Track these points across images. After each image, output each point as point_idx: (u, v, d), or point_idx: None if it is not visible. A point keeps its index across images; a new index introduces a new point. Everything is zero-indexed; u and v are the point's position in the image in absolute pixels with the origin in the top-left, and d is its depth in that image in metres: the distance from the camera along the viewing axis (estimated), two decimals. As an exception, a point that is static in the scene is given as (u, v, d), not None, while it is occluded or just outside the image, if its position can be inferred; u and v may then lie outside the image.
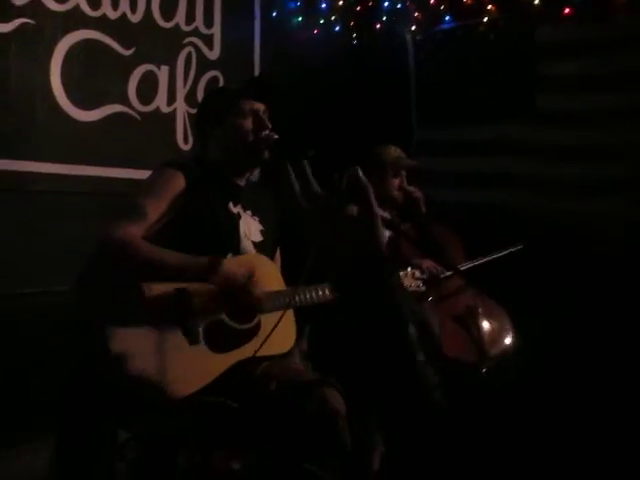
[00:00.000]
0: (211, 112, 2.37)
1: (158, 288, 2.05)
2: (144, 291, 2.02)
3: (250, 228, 2.34)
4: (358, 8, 4.44)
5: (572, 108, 4.22)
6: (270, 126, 2.33)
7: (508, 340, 3.51)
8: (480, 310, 3.51)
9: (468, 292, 3.60)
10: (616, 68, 4.04)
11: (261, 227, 2.38)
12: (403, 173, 3.42)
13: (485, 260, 3.59)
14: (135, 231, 2.07)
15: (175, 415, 2.07)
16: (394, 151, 3.44)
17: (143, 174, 3.48)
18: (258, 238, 2.36)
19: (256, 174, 2.58)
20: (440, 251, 3.41)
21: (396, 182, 3.38)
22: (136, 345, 1.99)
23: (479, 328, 3.46)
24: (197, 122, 2.46)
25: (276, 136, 2.32)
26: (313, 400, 2.08)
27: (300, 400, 2.08)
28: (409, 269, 2.63)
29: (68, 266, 2.20)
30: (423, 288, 2.63)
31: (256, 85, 2.39)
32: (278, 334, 2.15)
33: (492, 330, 3.51)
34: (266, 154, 2.31)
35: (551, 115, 4.29)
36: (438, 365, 3.12)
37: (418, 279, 2.63)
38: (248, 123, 2.32)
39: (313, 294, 2.34)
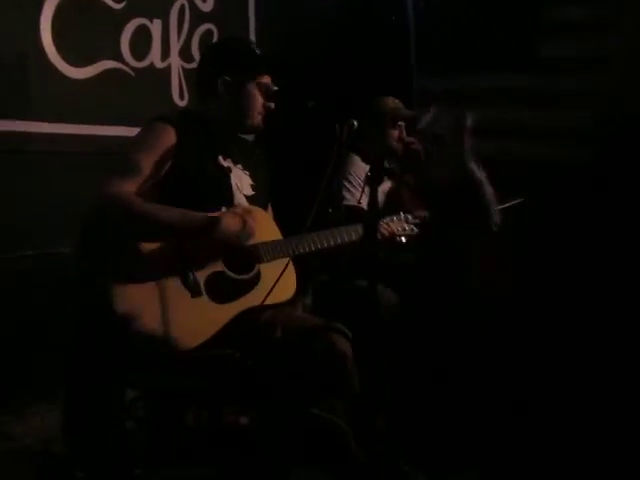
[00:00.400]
0: (229, 68, 2.32)
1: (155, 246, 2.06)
2: (142, 247, 2.02)
3: (242, 182, 2.35)
4: (355, -44, 4.32)
5: (578, 55, 4.14)
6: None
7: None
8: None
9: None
10: (622, 12, 3.95)
11: (252, 182, 2.38)
12: (402, 124, 3.38)
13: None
14: (129, 187, 2.07)
15: (182, 370, 2.08)
16: (392, 102, 3.41)
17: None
18: (249, 192, 2.36)
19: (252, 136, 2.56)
20: (440, 200, 3.39)
21: (395, 133, 3.37)
22: (140, 302, 2.00)
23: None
24: (208, 75, 2.37)
25: (275, 88, 2.30)
26: (320, 343, 2.10)
27: (307, 344, 2.10)
28: (401, 214, 2.60)
29: (66, 227, 2.17)
30: (417, 232, 2.61)
31: (273, 62, 2.42)
32: (279, 283, 2.15)
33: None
34: (262, 125, 2.35)
35: (556, 62, 4.21)
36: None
37: (412, 223, 2.61)
38: (261, 97, 2.34)
39: (312, 244, 2.32)
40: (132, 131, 3.43)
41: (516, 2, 4.27)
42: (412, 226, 2.60)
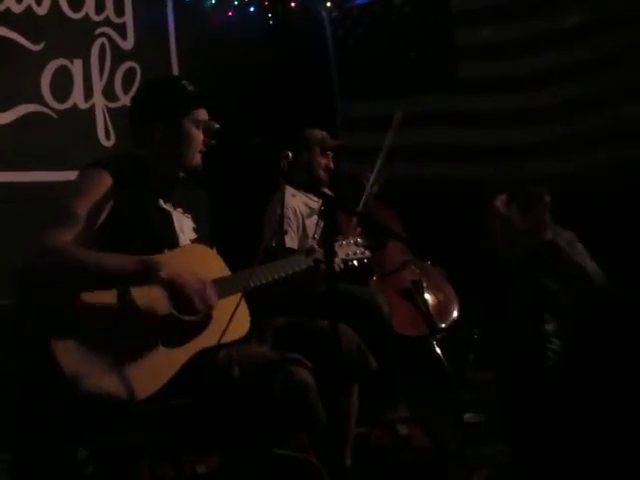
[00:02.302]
0: (164, 110, 2.25)
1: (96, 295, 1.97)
2: (84, 298, 1.94)
3: (183, 225, 2.28)
4: (271, -13, 4.35)
5: (490, 75, 4.27)
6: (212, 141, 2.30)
7: (455, 310, 3.57)
8: (425, 284, 3.56)
9: (411, 266, 3.65)
10: (531, 32, 4.11)
11: (194, 225, 2.32)
12: (329, 154, 3.44)
13: None
14: (67, 237, 1.99)
15: (136, 424, 1.99)
16: (319, 133, 3.52)
17: (66, 175, 3.35)
18: (192, 235, 2.30)
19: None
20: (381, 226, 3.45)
21: (323, 162, 3.41)
22: (87, 357, 1.91)
23: (425, 301, 3.51)
24: (140, 114, 2.30)
25: (217, 125, 2.25)
26: (279, 377, 2.05)
27: (266, 379, 2.05)
28: (350, 237, 2.61)
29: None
30: (368, 254, 2.61)
31: (206, 96, 2.34)
32: (232, 320, 2.08)
33: (438, 302, 3.57)
34: (201, 165, 2.29)
35: (470, 83, 4.33)
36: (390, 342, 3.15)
37: (361, 245, 2.62)
38: (200, 134, 2.27)
39: (261, 277, 2.27)
40: (59, 175, 3.38)
41: (432, 27, 4.38)
42: (362, 249, 2.60)
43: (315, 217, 3.34)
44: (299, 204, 3.30)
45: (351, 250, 2.55)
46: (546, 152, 4.06)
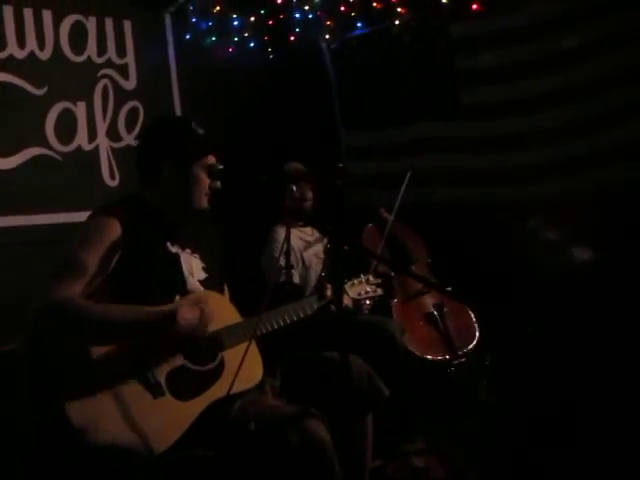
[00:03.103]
0: (174, 153, 2.24)
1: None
2: (94, 351, 1.93)
3: (192, 266, 2.26)
4: (270, 22, 4.38)
5: (493, 99, 4.28)
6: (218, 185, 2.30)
7: (476, 334, 3.57)
8: (446, 309, 3.58)
9: (433, 291, 3.66)
10: (530, 56, 4.13)
11: (203, 264, 2.30)
12: (301, 183, 3.45)
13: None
14: (76, 289, 1.96)
15: (152, 477, 1.95)
16: (297, 165, 3.51)
17: (73, 217, 3.38)
18: (202, 276, 2.27)
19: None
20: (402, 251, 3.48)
21: (309, 194, 3.45)
22: (98, 412, 1.88)
23: (447, 325, 3.53)
24: (148, 154, 2.29)
25: (221, 166, 2.25)
26: (296, 433, 2.01)
27: (283, 435, 2.01)
28: (362, 276, 2.62)
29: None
30: (380, 292, 2.62)
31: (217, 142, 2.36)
32: (244, 368, 2.06)
33: (460, 326, 3.59)
34: (208, 207, 2.28)
35: (473, 108, 4.34)
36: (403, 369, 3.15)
37: (373, 284, 2.62)
38: (206, 178, 2.26)
39: (273, 322, 2.26)
40: (65, 217, 3.39)
41: (432, 54, 4.40)
42: (374, 287, 2.60)
43: (312, 249, 3.36)
44: (294, 239, 3.31)
45: (362, 289, 2.55)
46: (547, 174, 4.07)
